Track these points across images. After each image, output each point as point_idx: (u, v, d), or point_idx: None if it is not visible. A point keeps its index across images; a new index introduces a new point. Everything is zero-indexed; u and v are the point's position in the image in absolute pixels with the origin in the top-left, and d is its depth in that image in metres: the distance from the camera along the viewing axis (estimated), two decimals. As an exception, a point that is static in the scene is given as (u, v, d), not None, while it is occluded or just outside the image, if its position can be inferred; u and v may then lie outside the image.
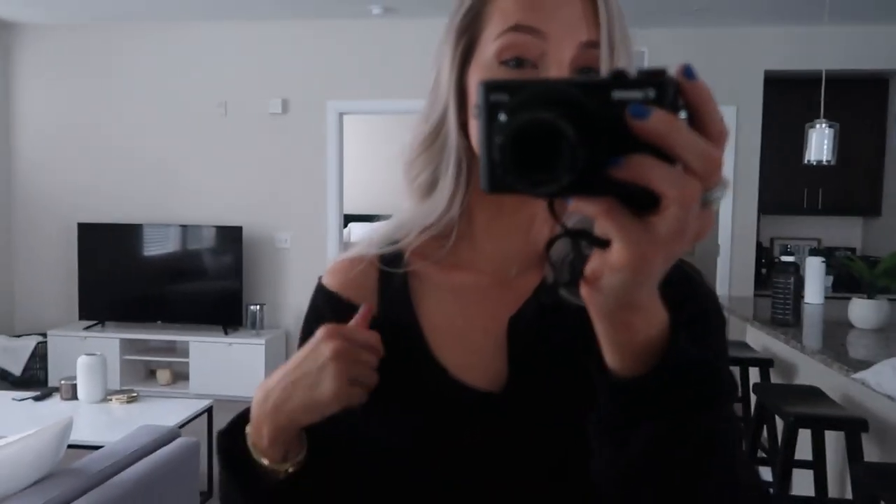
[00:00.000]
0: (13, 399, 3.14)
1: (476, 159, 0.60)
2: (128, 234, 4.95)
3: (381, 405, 0.61)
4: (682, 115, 0.40)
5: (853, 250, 5.46)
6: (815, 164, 3.35)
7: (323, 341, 0.57)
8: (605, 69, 0.56)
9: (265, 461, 0.61)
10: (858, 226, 5.58)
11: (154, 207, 5.14)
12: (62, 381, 3.17)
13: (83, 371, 3.07)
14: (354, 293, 0.69)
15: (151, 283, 4.95)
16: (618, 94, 0.39)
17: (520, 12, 0.57)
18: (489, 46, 0.59)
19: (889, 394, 1.80)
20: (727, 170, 4.92)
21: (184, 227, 4.94)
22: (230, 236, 4.87)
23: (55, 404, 3.10)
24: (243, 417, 0.63)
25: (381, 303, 0.68)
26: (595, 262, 0.42)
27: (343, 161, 5.14)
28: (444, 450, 0.62)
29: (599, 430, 0.50)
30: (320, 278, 0.73)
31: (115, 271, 4.95)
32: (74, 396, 3.13)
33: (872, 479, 1.76)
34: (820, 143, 3.28)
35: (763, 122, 4.90)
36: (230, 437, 0.63)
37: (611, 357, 0.47)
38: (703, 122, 0.40)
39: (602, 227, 0.41)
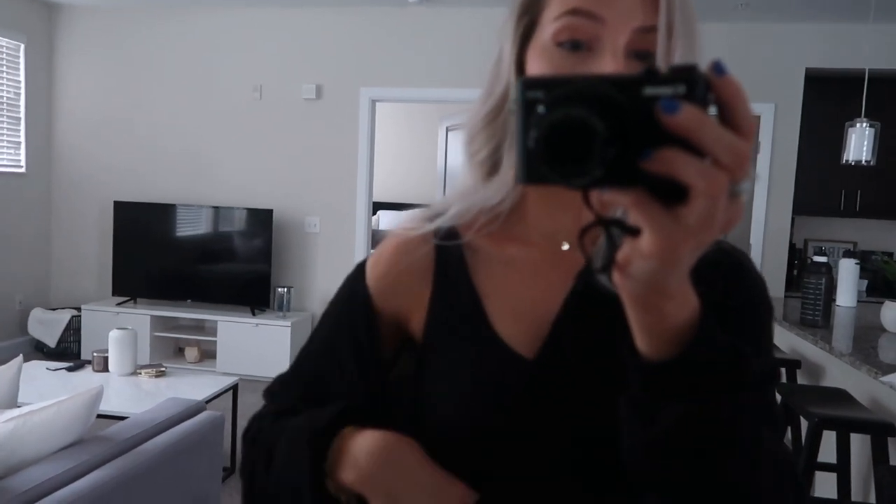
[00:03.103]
0: (47, 369, 3.23)
1: None
2: (162, 214, 5.04)
3: (440, 373, 0.65)
4: (712, 110, 0.41)
5: (891, 255, 5.33)
6: (853, 164, 3.27)
7: (454, 489, 0.60)
8: (661, 54, 0.57)
9: (332, 486, 0.63)
10: (896, 230, 5.45)
11: (188, 189, 5.23)
12: (94, 354, 3.26)
13: (114, 344, 3.15)
14: (408, 270, 0.70)
15: (183, 263, 5.04)
16: (649, 91, 0.40)
17: None
18: (548, 28, 0.61)
19: (918, 398, 1.76)
20: (763, 168, 4.85)
21: (216, 208, 5.02)
22: (261, 219, 4.93)
23: (87, 375, 3.18)
24: (327, 434, 0.64)
25: (438, 277, 0.70)
26: (626, 249, 0.44)
27: (374, 148, 5.16)
28: (489, 412, 0.64)
29: (628, 408, 0.52)
30: (364, 262, 0.74)
31: (149, 250, 5.05)
32: (105, 368, 3.21)
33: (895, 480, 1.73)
34: (860, 143, 3.21)
35: (802, 120, 4.80)
36: (322, 441, 0.64)
37: (641, 339, 0.49)
38: (733, 117, 0.41)
39: (633, 217, 0.42)
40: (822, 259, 2.72)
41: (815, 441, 2.26)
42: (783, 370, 3.09)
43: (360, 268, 0.74)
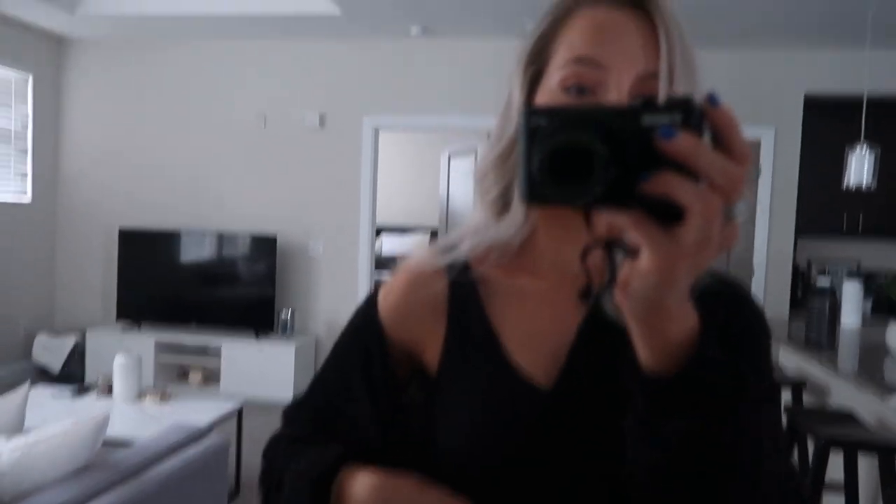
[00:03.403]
0: (52, 396, 3.24)
1: None
2: (167, 240, 5.07)
3: (456, 404, 0.67)
4: (706, 138, 0.43)
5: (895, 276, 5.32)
6: (854, 188, 3.29)
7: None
8: (662, 98, 0.59)
9: None
10: (900, 250, 5.44)
11: (193, 215, 5.27)
12: (99, 379, 3.26)
13: (119, 370, 3.16)
14: (422, 303, 0.72)
15: (187, 287, 5.06)
16: (647, 119, 0.43)
17: (584, 46, 0.62)
18: (555, 75, 0.64)
19: (924, 420, 1.76)
20: (764, 191, 4.87)
21: (220, 234, 5.05)
22: (265, 244, 4.96)
23: (91, 401, 3.19)
24: (329, 476, 0.66)
25: (452, 311, 0.71)
26: (626, 268, 0.46)
27: (377, 175, 5.21)
28: (502, 440, 0.65)
29: (632, 426, 0.53)
30: (376, 291, 0.75)
31: (153, 275, 5.07)
32: (110, 393, 3.21)
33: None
34: (860, 167, 3.24)
35: (802, 144, 4.84)
36: (311, 479, 0.66)
37: (643, 356, 0.51)
38: (727, 144, 0.43)
39: (632, 237, 0.44)
40: (826, 284, 2.73)
41: (822, 461, 2.25)
42: (789, 392, 3.08)
43: (373, 298, 0.75)
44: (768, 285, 4.95)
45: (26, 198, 5.19)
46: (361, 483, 0.64)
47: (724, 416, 0.50)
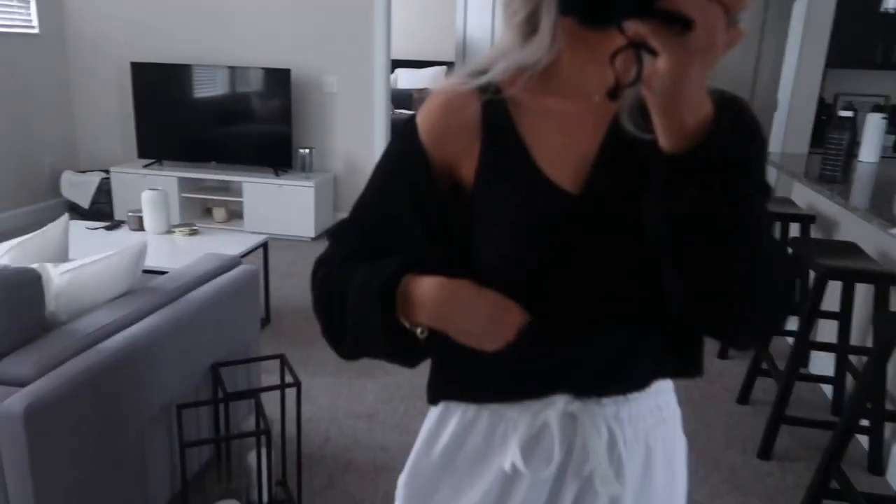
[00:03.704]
0: (87, 228, 3.40)
1: None
2: (180, 75, 5.00)
3: (495, 210, 0.75)
4: None
5: (923, 109, 5.18)
6: (893, 12, 3.12)
7: (507, 319, 0.71)
8: None
9: (407, 322, 0.74)
10: (933, 83, 5.25)
11: (205, 48, 5.14)
12: (129, 214, 3.40)
13: (147, 205, 3.28)
14: (458, 123, 0.77)
15: (204, 125, 5.07)
16: None
17: None
18: None
19: (923, 248, 1.82)
20: (797, 18, 4.62)
21: (233, 68, 4.96)
22: (279, 78, 4.88)
23: (125, 234, 3.34)
24: (394, 281, 0.74)
25: (486, 129, 0.77)
26: (649, 67, 0.56)
27: (391, 3, 4.97)
28: (543, 239, 0.75)
29: (654, 196, 0.64)
30: (414, 116, 0.79)
31: (170, 112, 5.06)
32: (141, 228, 3.36)
33: (891, 327, 1.84)
34: (901, -11, 3.04)
35: (844, -36, 4.51)
36: (388, 287, 0.74)
37: (663, 141, 0.61)
38: None
39: (652, 43, 0.54)
40: (848, 114, 2.68)
41: (820, 290, 2.36)
42: (798, 225, 3.16)
43: (412, 121, 0.79)
44: (791, 119, 4.85)
45: (34, 29, 5.06)
46: (427, 284, 0.73)
47: (727, 188, 0.60)
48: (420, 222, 0.78)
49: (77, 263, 1.83)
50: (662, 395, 0.84)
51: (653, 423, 0.83)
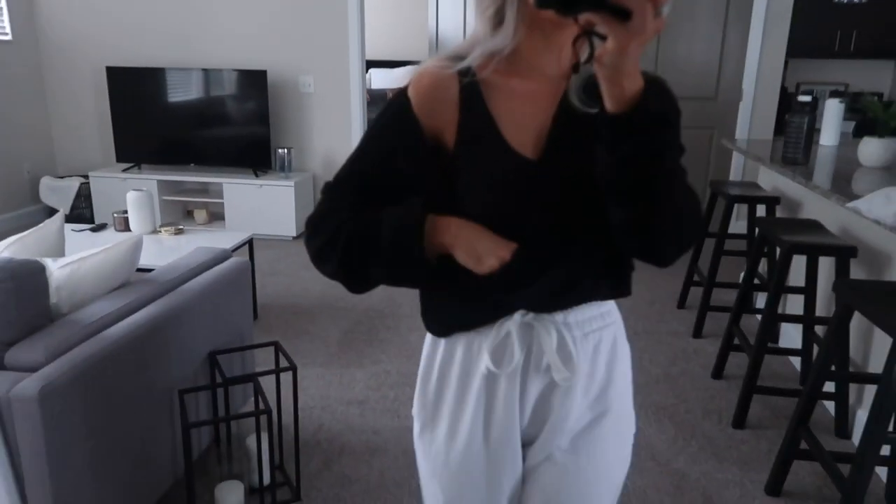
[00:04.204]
0: (73, 230, 3.42)
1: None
2: (155, 79, 5.02)
3: (470, 171, 0.94)
4: None
5: (881, 95, 5.40)
6: (846, 2, 3.28)
7: (501, 250, 0.91)
8: None
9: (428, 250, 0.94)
10: (890, 70, 5.47)
11: (180, 51, 5.17)
12: (114, 215, 3.43)
13: (133, 205, 3.32)
14: (441, 98, 0.95)
15: (183, 127, 5.10)
16: None
17: None
18: None
19: (877, 219, 1.96)
20: (758, 11, 4.80)
21: (209, 71, 4.99)
22: (255, 80, 4.93)
23: (111, 235, 3.38)
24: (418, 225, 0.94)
25: (463, 105, 0.95)
26: (599, 49, 0.76)
27: (364, 3, 5.05)
28: (511, 192, 0.95)
29: (601, 148, 0.84)
30: (404, 91, 0.96)
31: (147, 115, 5.08)
32: (127, 228, 3.40)
33: (849, 291, 1.97)
34: (853, -21, 3.19)
35: (801, -42, 4.69)
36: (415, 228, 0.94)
37: (609, 105, 0.80)
38: None
39: (602, 29, 0.73)
40: (807, 98, 2.83)
41: (785, 264, 2.50)
42: (764, 207, 3.30)
43: (403, 92, 0.96)
44: (756, 108, 5.03)
45: (7, 36, 5.05)
46: (445, 220, 0.94)
47: (658, 138, 0.81)
48: (417, 174, 0.96)
49: (76, 257, 1.89)
50: (606, 306, 1.06)
51: (597, 326, 1.04)
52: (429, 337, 1.10)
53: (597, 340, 1.04)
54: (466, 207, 0.95)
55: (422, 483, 1.17)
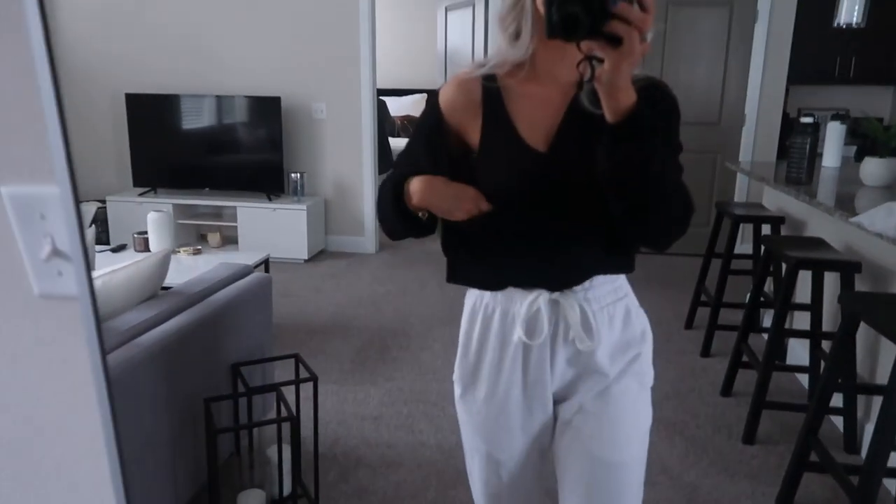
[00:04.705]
0: (96, 251, 3.51)
1: (541, 18, 1.01)
2: (173, 105, 5.16)
3: (491, 162, 1.13)
4: (634, 1, 0.88)
5: (881, 120, 5.49)
6: (844, 27, 3.39)
7: (465, 198, 1.10)
8: None
9: (410, 207, 1.15)
10: (889, 95, 5.58)
11: (197, 78, 5.31)
12: (134, 235, 3.52)
13: (153, 225, 3.41)
14: (466, 101, 1.15)
15: (199, 152, 5.22)
16: None
17: None
18: None
19: (880, 232, 2.03)
20: (759, 38, 4.93)
21: (225, 97, 5.13)
22: (270, 106, 5.06)
23: (131, 255, 3.47)
24: (396, 183, 1.16)
25: (486, 106, 1.14)
26: (598, 70, 0.92)
27: (375, 31, 5.20)
28: (525, 180, 1.12)
29: (601, 151, 0.99)
30: (438, 92, 1.19)
31: (163, 141, 5.21)
32: (147, 249, 3.49)
33: (854, 304, 2.03)
34: (851, 6, 3.31)
35: (800, -13, 4.83)
36: (391, 188, 1.17)
37: (608, 116, 0.96)
38: (641, 4, 0.88)
39: (600, 53, 0.90)
40: (809, 120, 2.92)
41: (791, 280, 2.56)
42: (769, 227, 3.38)
43: (435, 96, 1.19)
44: (759, 132, 5.13)
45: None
46: (415, 179, 1.14)
47: (647, 145, 0.96)
48: (428, 156, 1.17)
49: (108, 269, 1.97)
50: (617, 281, 1.22)
51: (612, 300, 1.21)
52: (466, 313, 1.27)
53: (612, 312, 1.20)
54: (488, 194, 1.11)
55: (464, 440, 1.36)
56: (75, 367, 0.72)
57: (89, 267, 0.63)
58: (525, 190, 1.11)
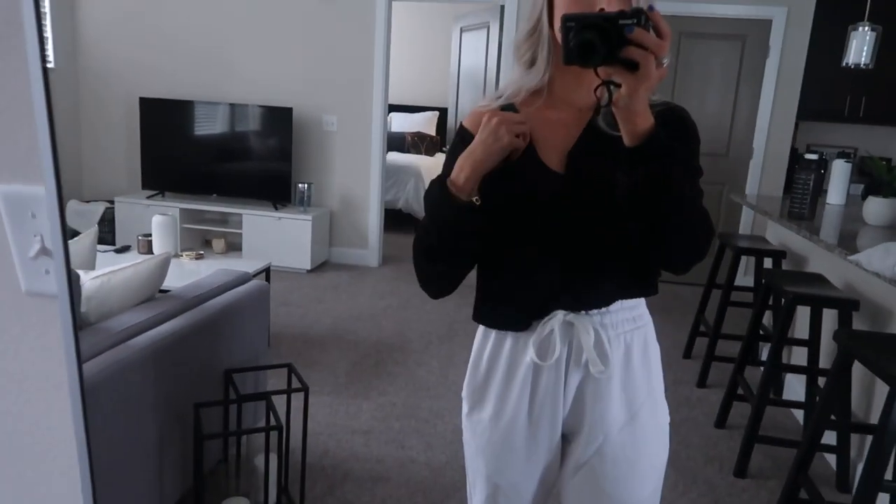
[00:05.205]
0: (98, 251, 3.53)
1: (557, 45, 1.04)
2: (186, 111, 5.22)
3: (510, 182, 1.12)
4: (650, 27, 0.89)
5: (889, 161, 5.49)
6: (853, 67, 3.41)
7: (493, 119, 1.06)
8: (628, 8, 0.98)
9: (460, 196, 1.09)
10: (898, 136, 5.58)
11: (211, 86, 5.38)
12: (139, 237, 3.55)
13: (157, 228, 3.44)
14: None
15: (208, 159, 5.27)
16: (621, 21, 0.88)
17: None
18: None
19: (877, 271, 2.03)
20: (770, 74, 4.96)
21: (238, 106, 5.18)
22: (281, 117, 5.11)
23: (134, 256, 3.49)
24: (442, 180, 1.12)
25: None
26: (616, 94, 0.93)
27: (390, 48, 5.26)
28: (544, 199, 1.13)
29: (621, 173, 1.00)
30: (462, 122, 1.20)
31: (174, 145, 5.26)
32: (150, 251, 3.51)
33: (849, 341, 2.02)
34: (860, 47, 3.34)
35: (813, 26, 4.86)
36: (441, 186, 1.11)
37: (626, 140, 0.97)
38: (657, 29, 0.89)
39: (617, 79, 0.91)
40: (813, 156, 2.93)
41: (789, 314, 2.56)
42: (770, 260, 3.37)
43: (463, 127, 1.19)
44: (766, 166, 5.14)
45: (50, 63, 5.29)
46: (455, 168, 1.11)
47: (665, 168, 0.97)
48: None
49: (106, 270, 1.99)
50: (637, 310, 1.19)
51: (630, 328, 1.17)
52: (479, 331, 1.26)
53: (629, 340, 1.17)
54: (509, 215, 1.13)
55: (466, 460, 1.33)
56: (56, 363, 0.74)
57: (69, 265, 0.64)
58: (544, 210, 1.12)
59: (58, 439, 0.77)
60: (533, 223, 1.12)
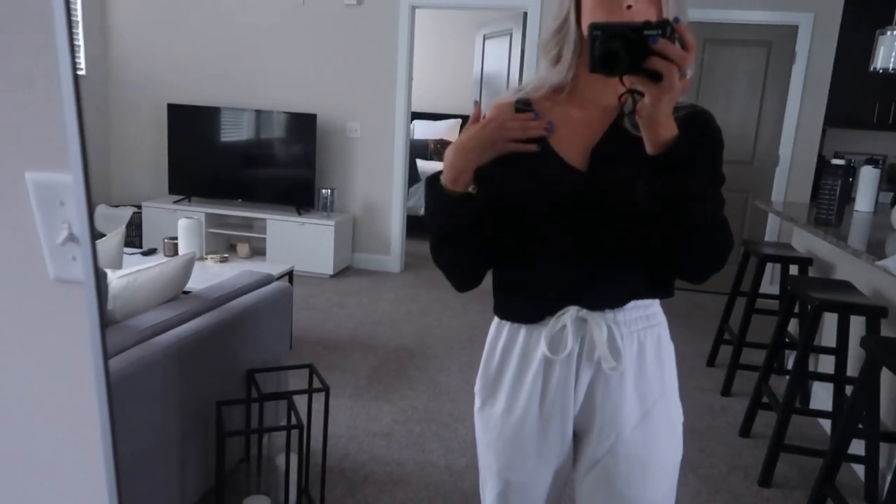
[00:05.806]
0: (125, 253, 3.60)
1: (584, 43, 1.05)
2: (212, 117, 5.30)
3: (531, 179, 1.12)
4: (676, 39, 0.89)
5: (920, 168, 5.39)
6: (881, 71, 3.36)
7: (491, 123, 1.08)
8: (665, 12, 1.03)
9: (455, 188, 1.09)
10: (929, 144, 5.48)
11: (237, 92, 5.46)
12: (165, 240, 3.61)
13: (183, 231, 3.49)
14: None
15: (234, 165, 5.34)
16: (646, 32, 0.88)
17: None
18: None
19: (905, 277, 1.99)
20: (796, 80, 4.90)
21: (264, 112, 5.25)
22: (305, 123, 5.17)
23: (160, 259, 3.54)
24: (437, 175, 1.12)
25: None
26: (640, 103, 0.93)
27: (413, 55, 5.29)
28: (564, 197, 1.11)
29: (643, 180, 1.00)
30: (484, 116, 1.18)
31: (201, 151, 5.35)
32: (175, 254, 3.57)
33: (878, 348, 1.99)
34: (889, 52, 3.29)
35: (840, 31, 4.80)
36: (433, 178, 1.13)
37: (648, 148, 0.97)
38: (682, 41, 0.89)
39: (641, 87, 0.91)
40: (840, 162, 2.88)
41: (814, 322, 2.52)
42: (797, 268, 3.32)
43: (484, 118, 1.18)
44: (793, 173, 5.07)
45: (81, 71, 5.41)
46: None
47: (687, 178, 0.97)
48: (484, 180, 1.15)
49: (133, 269, 2.02)
50: (651, 308, 1.18)
51: (643, 326, 1.17)
52: (493, 325, 1.26)
53: (642, 339, 1.16)
54: (529, 211, 1.13)
55: (479, 454, 1.32)
56: (82, 349, 0.75)
57: (95, 252, 0.66)
58: (564, 208, 1.11)
59: (81, 423, 0.78)
60: (553, 220, 1.12)
